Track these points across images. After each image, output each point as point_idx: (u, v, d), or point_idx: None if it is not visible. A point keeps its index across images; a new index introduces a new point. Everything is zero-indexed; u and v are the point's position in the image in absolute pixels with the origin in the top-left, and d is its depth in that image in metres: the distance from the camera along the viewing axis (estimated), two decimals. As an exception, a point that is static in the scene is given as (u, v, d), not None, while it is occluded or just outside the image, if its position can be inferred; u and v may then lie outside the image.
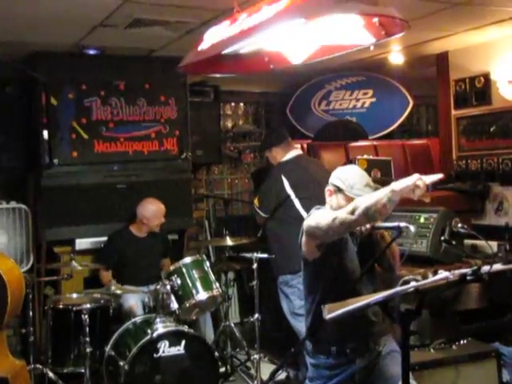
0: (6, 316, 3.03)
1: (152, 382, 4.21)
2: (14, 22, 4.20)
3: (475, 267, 2.19)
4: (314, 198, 4.51)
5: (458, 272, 2.21)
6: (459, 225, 4.01)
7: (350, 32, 2.88)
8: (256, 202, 4.76)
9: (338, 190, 2.98)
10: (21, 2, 3.75)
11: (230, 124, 7.31)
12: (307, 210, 4.49)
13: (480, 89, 5.54)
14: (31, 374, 4.25)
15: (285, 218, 4.57)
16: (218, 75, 3.74)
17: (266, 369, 4.84)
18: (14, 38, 4.64)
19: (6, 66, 5.32)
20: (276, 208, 4.62)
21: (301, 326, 4.43)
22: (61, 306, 4.52)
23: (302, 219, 4.53)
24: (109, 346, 4.45)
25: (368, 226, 2.88)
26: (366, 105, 6.87)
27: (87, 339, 4.27)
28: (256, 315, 4.70)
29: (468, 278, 2.19)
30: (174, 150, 5.60)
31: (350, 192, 2.91)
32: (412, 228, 2.80)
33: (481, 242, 4.58)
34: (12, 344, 4.92)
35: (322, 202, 3.20)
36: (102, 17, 4.18)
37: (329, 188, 3.06)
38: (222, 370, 4.94)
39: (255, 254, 4.65)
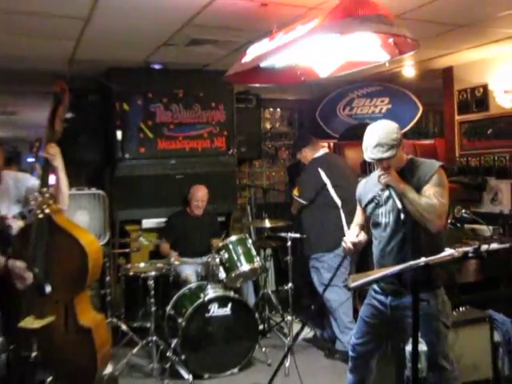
0: (88, 279, 3.12)
1: (204, 336, 4.27)
2: (94, 44, 4.27)
3: (476, 246, 2.16)
4: (344, 186, 4.52)
5: (461, 250, 2.19)
6: (463, 211, 3.93)
7: (369, 50, 2.87)
8: (296, 192, 4.74)
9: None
10: (100, 29, 3.82)
11: (268, 126, 7.30)
12: (339, 196, 4.53)
13: (479, 97, 5.44)
14: (108, 326, 4.33)
15: (321, 204, 4.58)
16: (257, 85, 3.75)
17: (297, 328, 4.85)
18: (95, 56, 4.73)
19: (88, 79, 5.42)
20: (315, 196, 4.61)
21: (328, 294, 4.44)
22: (131, 273, 4.61)
23: (335, 204, 4.56)
24: (169, 307, 4.53)
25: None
26: (383, 110, 6.77)
27: (152, 300, 4.34)
28: (289, 284, 4.69)
29: (470, 255, 2.17)
30: (222, 147, 5.63)
31: (366, 155, 2.67)
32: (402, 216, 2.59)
33: (478, 226, 4.52)
34: (94, 302, 5.01)
35: (347, 190, 3.18)
36: (165, 38, 4.22)
37: None
38: (261, 328, 4.98)
39: (289, 234, 4.64)
